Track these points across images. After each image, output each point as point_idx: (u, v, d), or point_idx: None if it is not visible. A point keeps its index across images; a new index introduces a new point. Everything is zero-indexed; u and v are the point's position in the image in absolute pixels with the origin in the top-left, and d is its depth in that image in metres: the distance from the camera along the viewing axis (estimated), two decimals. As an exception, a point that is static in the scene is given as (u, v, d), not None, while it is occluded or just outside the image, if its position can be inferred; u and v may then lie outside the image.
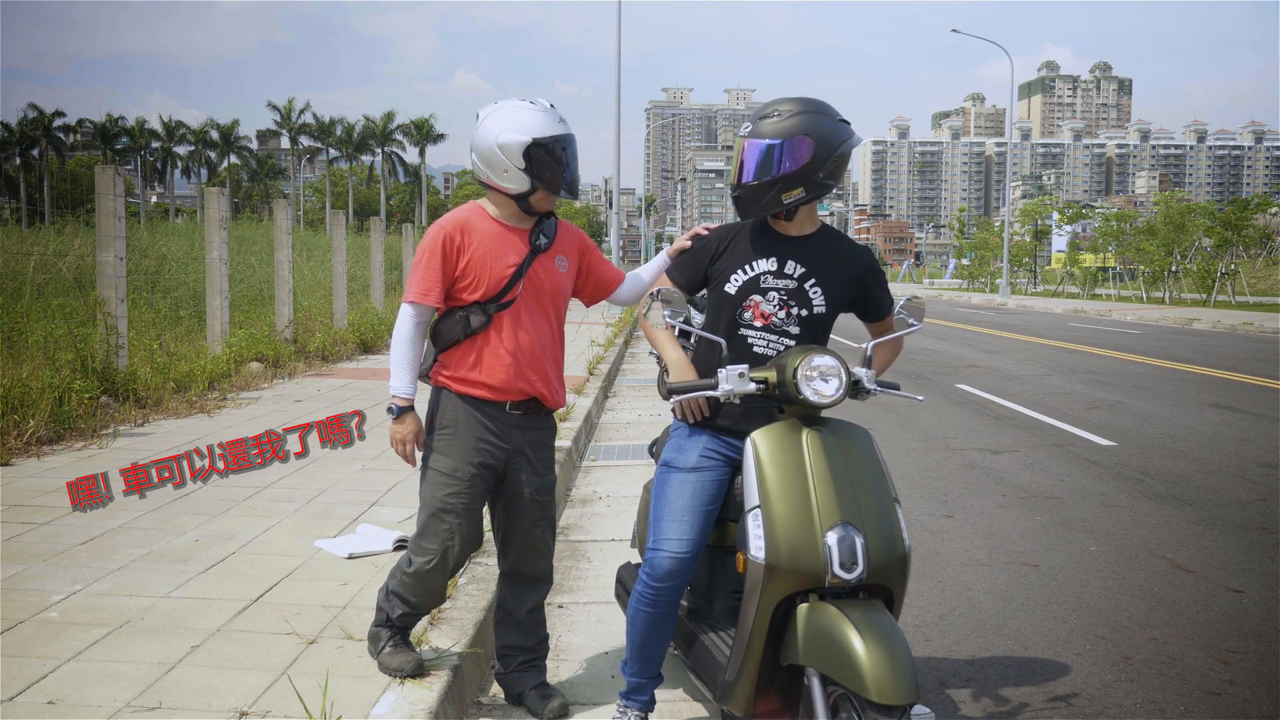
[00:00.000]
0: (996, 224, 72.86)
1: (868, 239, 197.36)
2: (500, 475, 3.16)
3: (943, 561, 5.08)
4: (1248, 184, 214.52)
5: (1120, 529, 5.70)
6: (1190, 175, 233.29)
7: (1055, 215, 60.00)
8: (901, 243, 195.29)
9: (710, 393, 2.72)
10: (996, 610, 4.40)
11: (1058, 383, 12.45)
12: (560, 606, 4.32)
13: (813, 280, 2.93)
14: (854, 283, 3.00)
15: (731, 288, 2.94)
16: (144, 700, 2.93)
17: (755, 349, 2.92)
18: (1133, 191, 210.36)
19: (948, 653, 3.91)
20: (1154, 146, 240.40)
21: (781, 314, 2.92)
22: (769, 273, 2.92)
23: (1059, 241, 60.64)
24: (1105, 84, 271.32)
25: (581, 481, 6.78)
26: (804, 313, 2.92)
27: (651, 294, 2.82)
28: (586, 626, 4.10)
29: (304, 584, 3.98)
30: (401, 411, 3.08)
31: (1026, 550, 5.29)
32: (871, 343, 2.94)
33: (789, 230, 2.95)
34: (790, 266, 2.93)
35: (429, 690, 3.03)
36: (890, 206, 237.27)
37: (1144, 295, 43.36)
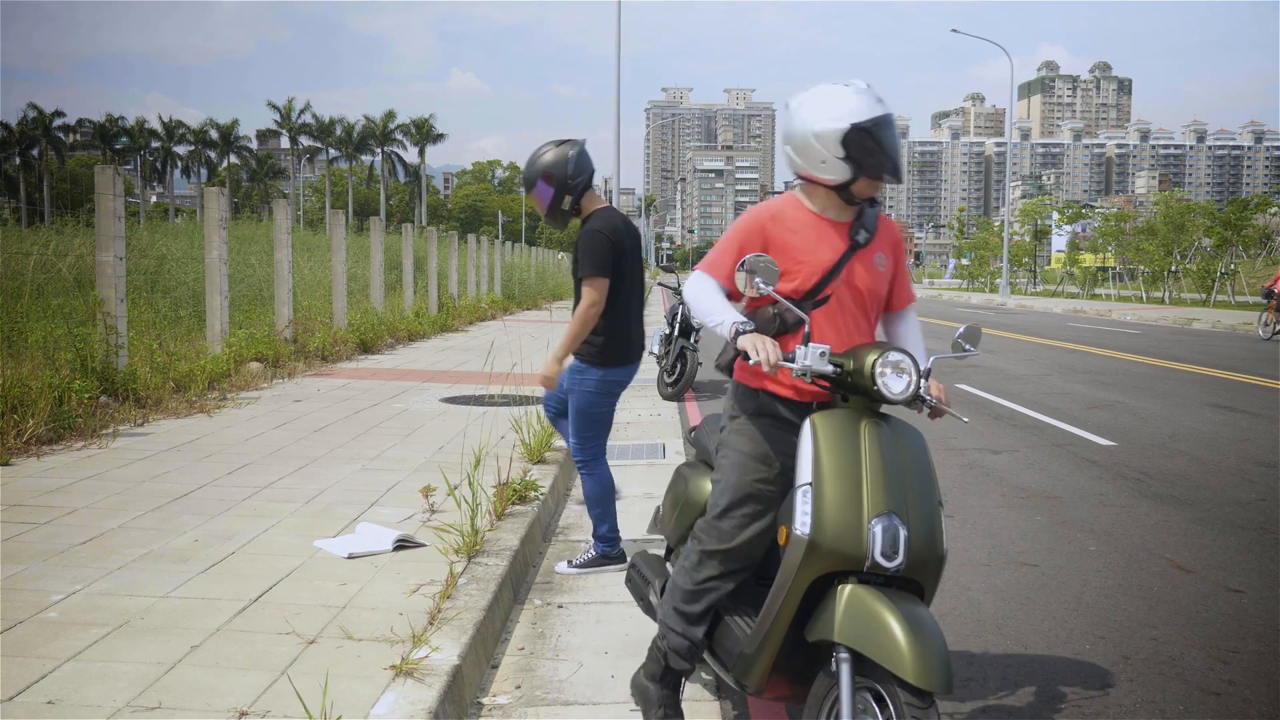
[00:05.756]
0: (996, 224, 72.87)
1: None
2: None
3: (942, 561, 5.08)
4: (1247, 184, 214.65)
5: (1120, 529, 5.70)
6: (1190, 175, 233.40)
7: (1055, 215, 60.03)
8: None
9: (788, 364, 2.66)
10: (996, 610, 4.40)
11: (1057, 383, 12.45)
12: (560, 606, 4.32)
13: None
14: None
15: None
16: (143, 700, 2.93)
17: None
18: (1132, 191, 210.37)
19: (947, 652, 3.91)
20: (1153, 146, 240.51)
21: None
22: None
23: (1059, 241, 60.68)
24: (1105, 84, 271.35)
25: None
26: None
27: (740, 264, 2.69)
28: (586, 626, 4.10)
29: (303, 584, 3.98)
30: (747, 330, 2.72)
31: (1026, 550, 5.29)
32: (934, 357, 2.90)
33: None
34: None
35: (429, 690, 3.03)
36: (890, 206, 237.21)
37: (1144, 295, 43.38)
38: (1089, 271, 52.57)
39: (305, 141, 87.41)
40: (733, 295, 2.89)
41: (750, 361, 2.65)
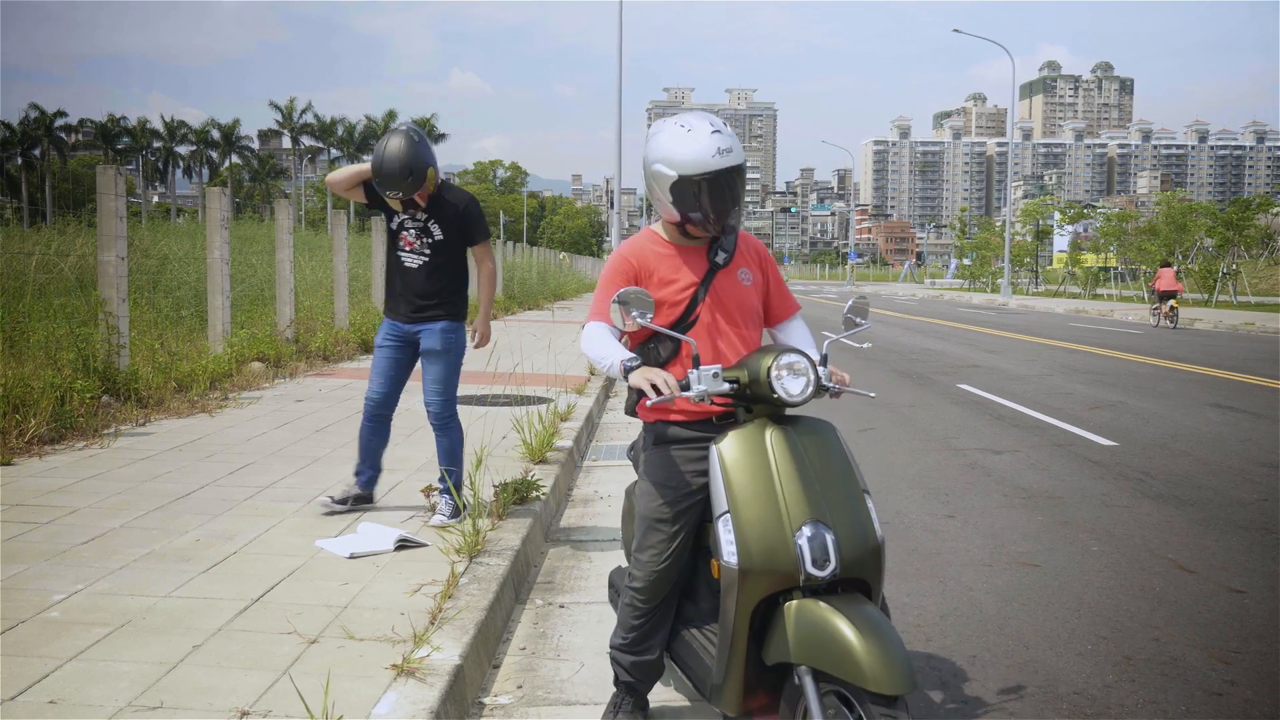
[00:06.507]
0: (998, 224, 72.85)
1: (869, 239, 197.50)
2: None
3: (944, 561, 5.08)
4: (1249, 184, 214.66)
5: (1122, 529, 5.70)
6: (1192, 175, 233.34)
7: (1056, 215, 59.97)
8: (903, 243, 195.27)
9: (684, 394, 2.67)
10: (997, 610, 4.39)
11: (1059, 383, 12.45)
12: (561, 606, 4.33)
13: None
14: None
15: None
16: (145, 700, 2.93)
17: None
18: (1134, 191, 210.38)
19: (948, 652, 3.91)
20: (1155, 146, 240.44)
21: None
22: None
23: (1060, 241, 60.62)
24: (1106, 84, 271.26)
25: (583, 481, 6.78)
26: None
27: (613, 301, 2.71)
28: (587, 626, 4.10)
29: (305, 584, 3.99)
30: (634, 367, 2.73)
31: (1028, 550, 5.29)
32: (828, 340, 3.00)
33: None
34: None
35: (430, 690, 3.03)
36: (892, 206, 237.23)
37: (1145, 295, 43.33)
38: (1091, 272, 52.54)
39: (307, 141, 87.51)
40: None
41: (650, 403, 2.68)
